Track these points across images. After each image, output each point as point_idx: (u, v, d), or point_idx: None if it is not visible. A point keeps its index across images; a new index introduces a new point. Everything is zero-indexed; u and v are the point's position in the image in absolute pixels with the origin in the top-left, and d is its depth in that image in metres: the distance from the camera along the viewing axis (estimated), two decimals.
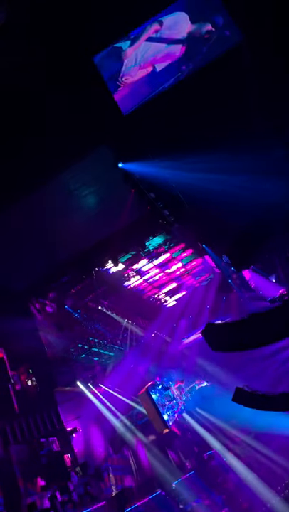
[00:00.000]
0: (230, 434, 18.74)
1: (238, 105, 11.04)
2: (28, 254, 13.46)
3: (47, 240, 13.47)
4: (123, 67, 9.84)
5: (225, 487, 17.01)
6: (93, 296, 18.98)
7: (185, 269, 21.38)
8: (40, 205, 11.91)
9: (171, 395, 18.35)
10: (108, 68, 10.07)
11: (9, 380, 13.48)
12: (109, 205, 13.83)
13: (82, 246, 15.04)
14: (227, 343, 10.45)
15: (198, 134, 11.29)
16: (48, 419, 14.49)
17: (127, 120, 10.25)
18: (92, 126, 10.10)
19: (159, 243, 17.38)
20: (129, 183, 12.42)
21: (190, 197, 13.81)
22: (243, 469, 16.81)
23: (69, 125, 9.77)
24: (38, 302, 16.53)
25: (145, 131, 10.99)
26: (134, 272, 18.83)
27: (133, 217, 14.63)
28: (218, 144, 11.03)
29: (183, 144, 11.30)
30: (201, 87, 10.26)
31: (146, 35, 9.53)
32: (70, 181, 11.90)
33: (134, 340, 22.31)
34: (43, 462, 13.47)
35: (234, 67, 10.18)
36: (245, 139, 11.08)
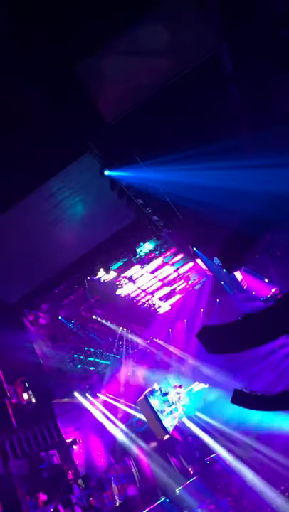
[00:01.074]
0: (231, 436, 18.69)
1: (221, 109, 11.12)
2: (19, 266, 13.35)
3: (37, 251, 13.39)
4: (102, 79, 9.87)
5: (229, 490, 16.93)
6: (87, 306, 18.89)
7: (177, 274, 21.38)
8: (28, 216, 11.84)
9: (169, 401, 18.27)
10: (90, 78, 10.09)
11: (5, 394, 13.33)
12: (98, 213, 13.80)
13: (73, 255, 14.98)
14: (223, 345, 10.46)
15: (183, 139, 11.34)
16: (47, 432, 14.34)
17: (111, 127, 10.26)
18: (77, 134, 10.08)
19: (150, 249, 17.38)
20: (116, 190, 12.40)
21: (178, 201, 13.86)
22: (246, 471, 16.74)
23: (53, 134, 9.74)
24: (30, 314, 16.41)
25: (130, 138, 11.01)
26: (126, 279, 18.78)
27: (122, 224, 14.62)
28: (203, 147, 11.09)
29: (168, 148, 11.33)
30: (183, 92, 10.30)
31: (119, 48, 9.60)
32: (57, 191, 11.86)
33: (130, 348, 22.23)
34: (44, 476, 13.31)
35: (215, 72, 10.25)
36: (229, 140, 11.15)
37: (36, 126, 9.58)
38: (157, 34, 9.62)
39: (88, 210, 13.28)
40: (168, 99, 10.36)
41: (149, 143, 11.41)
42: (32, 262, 13.70)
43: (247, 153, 11.62)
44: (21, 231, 12.40)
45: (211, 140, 10.98)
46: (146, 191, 12.97)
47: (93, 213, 13.56)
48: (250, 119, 11.64)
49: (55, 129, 9.78)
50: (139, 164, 11.68)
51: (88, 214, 13.43)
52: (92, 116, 10.17)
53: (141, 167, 11.71)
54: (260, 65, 10.37)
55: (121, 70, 9.87)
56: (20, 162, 9.75)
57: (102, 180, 11.87)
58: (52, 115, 9.62)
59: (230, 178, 11.88)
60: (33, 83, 9.12)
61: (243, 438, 18.14)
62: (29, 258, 13.34)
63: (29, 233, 12.65)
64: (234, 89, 10.74)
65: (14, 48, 8.55)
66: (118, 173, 11.56)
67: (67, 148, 10.31)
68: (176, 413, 18.14)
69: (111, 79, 9.99)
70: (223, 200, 12.44)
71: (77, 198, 12.42)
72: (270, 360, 19.38)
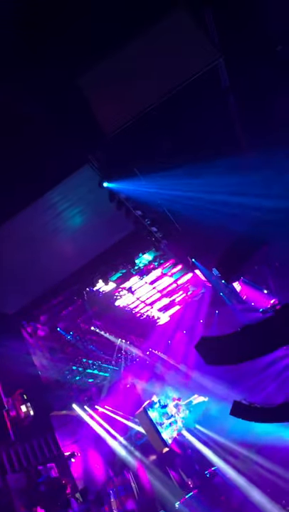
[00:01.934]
0: (231, 449, 18.51)
1: (219, 122, 11.25)
2: (17, 278, 13.36)
3: (36, 263, 13.41)
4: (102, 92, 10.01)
5: (229, 504, 16.72)
6: (85, 317, 18.85)
7: (176, 285, 21.38)
8: (27, 227, 11.89)
9: (169, 413, 18.14)
10: (90, 90, 10.21)
11: (4, 406, 13.23)
12: (97, 224, 13.87)
13: (72, 267, 15.01)
14: (222, 357, 10.44)
15: (182, 151, 11.45)
16: (45, 445, 14.23)
17: (110, 140, 10.35)
18: (76, 147, 10.17)
19: (149, 260, 17.42)
20: (115, 201, 12.48)
21: (177, 213, 13.93)
22: (247, 485, 16.56)
23: (52, 146, 9.83)
24: (29, 326, 16.37)
25: (129, 150, 11.10)
26: (125, 290, 18.78)
27: (121, 235, 14.68)
28: (201, 160, 11.20)
29: (167, 161, 11.43)
30: (182, 105, 10.43)
31: (119, 62, 9.76)
32: (56, 203, 11.93)
33: (128, 359, 22.13)
34: (42, 490, 13.16)
35: (213, 86, 10.39)
36: (226, 153, 11.26)
37: (36, 138, 9.68)
38: (156, 49, 9.80)
39: (87, 221, 13.35)
40: (167, 112, 10.48)
41: (147, 155, 11.51)
42: (30, 273, 13.72)
43: (245, 166, 11.71)
44: (20, 242, 12.44)
45: (209, 153, 11.09)
46: (144, 203, 13.04)
47: (92, 225, 13.63)
48: (249, 133, 11.77)
49: (55, 141, 9.88)
50: (137, 176, 11.78)
51: (87, 225, 13.49)
52: (91, 129, 10.27)
53: (139, 179, 11.80)
54: (258, 80, 10.53)
55: (120, 83, 10.02)
56: (20, 174, 9.82)
57: (101, 192, 11.94)
58: (52, 127, 9.73)
59: (229, 191, 11.97)
60: (34, 95, 9.25)
61: (243, 451, 17.97)
62: (27, 269, 13.36)
63: (28, 244, 12.69)
64: (232, 103, 10.87)
65: (17, 60, 8.68)
66: (117, 184, 11.64)
67: (66, 160, 10.40)
68: (176, 425, 18.00)
69: (110, 92, 10.13)
70: (222, 212, 12.52)
71: (76, 209, 12.50)
72: (270, 371, 19.28)
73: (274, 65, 10.09)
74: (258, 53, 10.03)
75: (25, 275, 13.55)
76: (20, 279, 13.55)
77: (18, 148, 9.64)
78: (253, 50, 9.93)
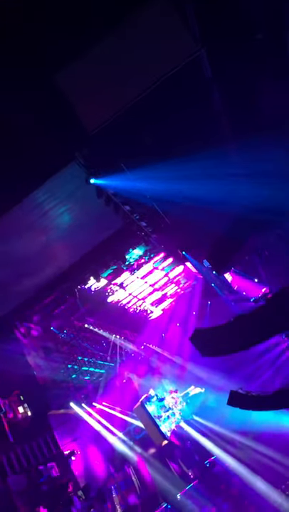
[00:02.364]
0: (229, 438, 18.68)
1: (204, 113, 11.20)
2: (6, 279, 13.25)
3: (25, 263, 13.30)
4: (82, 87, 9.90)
5: (230, 492, 16.90)
6: (78, 315, 18.80)
7: (168, 278, 21.41)
8: (13, 228, 11.77)
9: (166, 406, 18.23)
10: (70, 86, 10.11)
11: (0, 409, 13.19)
12: (86, 221, 13.77)
13: (63, 265, 14.91)
14: (216, 348, 10.47)
15: (167, 145, 11.41)
16: (44, 445, 14.21)
17: (94, 136, 10.27)
18: (60, 144, 10.07)
19: (140, 255, 17.39)
20: (102, 197, 12.41)
21: (165, 206, 13.91)
22: (246, 472, 16.74)
23: (35, 145, 9.72)
24: (22, 326, 16.27)
25: (114, 145, 11.02)
26: (117, 286, 18.75)
27: (110, 231, 14.61)
28: (188, 151, 11.16)
29: (153, 155, 11.38)
30: (164, 98, 10.36)
31: (96, 57, 9.66)
32: (43, 202, 11.81)
33: (123, 355, 22.15)
34: (44, 490, 13.17)
35: (196, 78, 10.33)
36: (212, 145, 11.24)
37: (17, 138, 9.55)
38: (135, 41, 9.70)
39: (75, 219, 13.23)
40: (150, 106, 10.41)
41: (133, 150, 11.44)
42: (20, 273, 13.60)
43: (231, 157, 11.72)
44: (7, 243, 12.32)
45: (194, 146, 11.06)
46: (132, 198, 12.99)
47: (81, 222, 13.53)
48: (234, 125, 11.74)
49: (38, 139, 9.75)
50: (124, 171, 11.71)
51: (76, 223, 13.39)
52: (74, 125, 10.15)
53: (126, 174, 11.73)
54: (240, 70, 10.49)
55: (100, 78, 9.90)
56: (3, 175, 9.69)
57: (89, 189, 11.86)
58: (33, 126, 9.59)
59: (216, 182, 11.97)
60: (12, 94, 9.12)
61: (241, 439, 18.16)
62: (16, 270, 13.24)
63: (15, 245, 12.57)
64: (215, 95, 10.83)
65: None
66: (104, 181, 11.56)
67: (51, 158, 10.28)
68: (174, 418, 18.10)
69: (91, 87, 10.02)
70: (210, 204, 12.52)
71: (64, 207, 12.38)
72: (265, 359, 19.47)
73: (256, 54, 10.05)
74: (239, 43, 9.98)
75: (15, 276, 13.44)
76: (10, 280, 13.44)
77: (0, 147, 9.52)
78: (235, 39, 9.87)
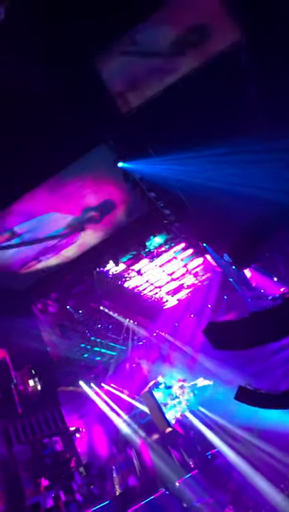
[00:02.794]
0: (233, 432, 18.72)
1: (238, 102, 11.02)
2: (31, 255, 13.49)
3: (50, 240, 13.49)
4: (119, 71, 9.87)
5: (228, 486, 16.99)
6: (95, 297, 18.99)
7: (186, 269, 21.37)
8: (41, 205, 11.92)
9: (173, 394, 18.35)
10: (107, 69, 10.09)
11: (12, 380, 13.52)
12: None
13: (84, 246, 15.02)
14: (229, 342, 10.43)
15: (199, 132, 11.28)
16: (51, 419, 14.52)
17: (126, 119, 10.26)
18: (92, 125, 10.09)
19: (160, 243, 17.37)
20: (129, 182, 12.41)
21: (191, 196, 13.82)
22: (247, 468, 16.78)
23: (68, 124, 9.77)
24: (39, 302, 16.55)
25: (145, 130, 10.99)
26: (134, 272, 18.83)
27: (133, 216, 14.63)
28: (219, 141, 11.04)
29: (183, 143, 11.29)
30: (200, 86, 10.25)
31: (136, 42, 9.60)
32: (70, 182, 11.89)
33: (136, 340, 22.33)
34: (47, 462, 13.50)
35: (233, 66, 10.17)
36: (245, 136, 11.08)
37: (51, 116, 9.61)
38: (175, 26, 9.59)
39: (99, 201, 13.30)
40: (184, 93, 10.32)
41: (163, 136, 11.37)
42: (44, 251, 13.80)
43: (262, 151, 11.53)
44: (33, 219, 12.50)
45: (226, 136, 10.92)
46: (158, 184, 12.95)
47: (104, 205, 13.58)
48: (268, 117, 11.54)
49: (71, 119, 9.80)
50: (152, 157, 11.67)
51: (99, 206, 13.45)
52: (108, 107, 10.18)
53: (154, 160, 11.69)
54: (280, 61, 10.28)
55: (137, 62, 9.87)
56: (36, 152, 9.79)
57: (116, 173, 11.88)
58: (68, 105, 9.65)
59: (244, 176, 11.82)
60: (51, 72, 9.17)
61: (245, 435, 18.17)
62: (42, 246, 13.45)
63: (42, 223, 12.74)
64: (251, 85, 10.64)
65: (35, 34, 8.58)
66: (132, 165, 11.56)
67: (82, 138, 10.33)
68: (180, 407, 18.23)
69: (127, 71, 9.99)
70: (236, 198, 12.39)
71: (89, 189, 12.45)
72: (277, 358, 19.33)
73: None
74: (280, 33, 9.76)
75: (40, 252, 13.65)
76: (35, 256, 13.67)
77: (33, 125, 9.60)
78: (275, 30, 9.66)
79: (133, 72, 10.02)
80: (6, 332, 14.21)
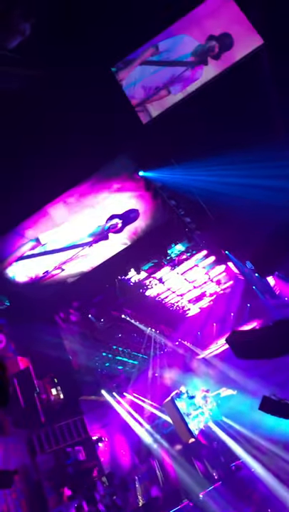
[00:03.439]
0: (257, 443, 18.37)
1: (261, 110, 10.96)
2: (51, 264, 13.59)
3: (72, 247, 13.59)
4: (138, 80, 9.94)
5: (253, 498, 16.64)
6: (116, 305, 19.01)
7: (208, 277, 21.23)
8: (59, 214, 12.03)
9: (196, 404, 18.13)
10: (128, 77, 10.18)
11: (35, 389, 13.59)
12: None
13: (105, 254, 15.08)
14: (252, 351, 10.27)
15: (221, 140, 11.24)
16: (73, 429, 14.53)
17: (147, 128, 10.29)
18: (113, 134, 10.17)
19: (181, 250, 17.32)
20: (150, 191, 12.43)
21: (212, 203, 13.74)
22: (272, 480, 16.41)
23: (89, 134, 9.87)
24: (62, 311, 16.65)
25: (166, 139, 11.01)
26: (156, 280, 18.79)
27: (154, 225, 14.62)
28: (239, 149, 10.97)
29: (204, 151, 11.26)
30: (221, 94, 10.24)
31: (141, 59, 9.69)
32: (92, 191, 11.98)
33: (157, 349, 22.23)
34: (70, 472, 13.48)
35: (255, 74, 10.13)
36: (269, 144, 10.97)
37: (72, 124, 9.74)
38: (197, 35, 9.62)
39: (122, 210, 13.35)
40: (205, 101, 10.31)
41: (184, 145, 11.38)
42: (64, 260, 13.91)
43: (284, 159, 11.40)
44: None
45: (247, 145, 10.84)
46: (179, 192, 12.94)
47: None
48: None
49: (92, 128, 9.91)
50: (173, 165, 11.68)
51: None
52: (128, 116, 10.25)
53: (175, 168, 11.70)
54: None
55: (158, 71, 9.93)
56: (58, 162, 9.92)
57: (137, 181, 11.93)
58: (89, 115, 9.76)
59: (265, 182, 11.70)
60: (72, 82, 9.33)
61: (270, 446, 17.80)
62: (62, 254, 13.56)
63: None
64: (273, 94, 10.56)
65: (58, 46, 8.77)
66: (152, 173, 11.59)
67: (103, 148, 10.42)
68: (203, 417, 17.99)
69: (148, 80, 10.06)
70: (257, 204, 12.25)
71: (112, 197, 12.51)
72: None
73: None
74: None
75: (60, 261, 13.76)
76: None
77: (54, 135, 9.75)
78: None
79: (154, 81, 10.07)
80: (29, 341, 14.34)
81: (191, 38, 9.52)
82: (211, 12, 9.34)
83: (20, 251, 12.41)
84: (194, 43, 9.58)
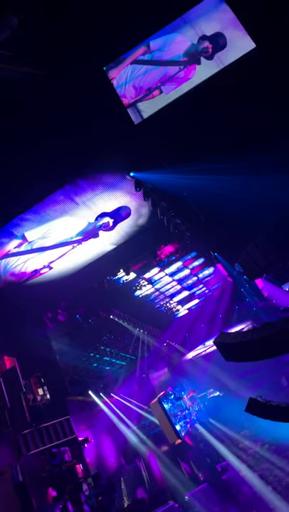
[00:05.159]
0: (243, 445, 18.44)
1: (251, 113, 11.03)
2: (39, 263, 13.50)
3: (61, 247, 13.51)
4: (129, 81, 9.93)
5: (238, 499, 16.69)
6: (104, 305, 18.96)
7: (197, 278, 21.28)
8: (56, 210, 11.96)
9: (183, 405, 18.17)
10: (119, 78, 10.16)
11: (21, 389, 13.48)
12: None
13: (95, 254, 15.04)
14: (240, 353, 10.32)
15: (211, 142, 11.29)
16: (60, 429, 14.41)
17: (138, 129, 10.29)
18: (103, 135, 10.15)
19: (171, 252, 17.34)
20: (140, 191, 12.41)
21: (202, 206, 13.79)
22: (257, 481, 16.48)
23: (80, 133, 9.84)
24: (50, 311, 16.55)
25: (157, 140, 11.02)
26: (145, 280, 18.78)
27: (144, 225, 14.63)
28: (231, 151, 11.02)
29: (195, 151, 11.30)
30: (214, 94, 10.27)
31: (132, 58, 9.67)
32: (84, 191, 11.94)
33: (145, 350, 22.21)
34: (55, 472, 13.37)
35: (247, 75, 10.18)
36: (257, 146, 11.04)
37: (65, 125, 9.70)
38: (190, 35, 9.64)
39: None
40: (196, 104, 10.34)
41: (175, 146, 11.40)
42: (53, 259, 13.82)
43: (274, 161, 11.49)
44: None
45: (239, 146, 10.90)
46: (169, 194, 12.96)
47: None
48: (281, 128, 11.51)
49: (82, 127, 9.88)
50: (164, 167, 11.69)
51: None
52: (119, 118, 10.24)
53: (166, 170, 11.71)
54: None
55: (150, 71, 9.93)
56: (49, 161, 9.86)
57: (127, 182, 11.91)
58: (80, 114, 9.73)
59: (257, 186, 11.77)
60: (63, 81, 9.28)
61: (256, 448, 17.89)
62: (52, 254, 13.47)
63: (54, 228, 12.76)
64: (266, 95, 10.63)
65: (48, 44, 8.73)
66: (144, 174, 11.59)
67: (94, 147, 10.38)
68: (189, 418, 18.03)
69: (140, 79, 10.05)
70: (248, 209, 12.33)
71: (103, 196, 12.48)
72: (287, 370, 19.07)
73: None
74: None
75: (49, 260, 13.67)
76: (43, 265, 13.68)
77: (44, 134, 9.70)
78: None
79: (145, 80, 10.07)
80: (16, 340, 14.22)
81: (183, 37, 9.51)
82: (205, 13, 9.36)
83: (5, 248, 12.28)
84: (187, 43, 9.58)
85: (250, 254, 14.62)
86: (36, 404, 14.27)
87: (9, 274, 13.22)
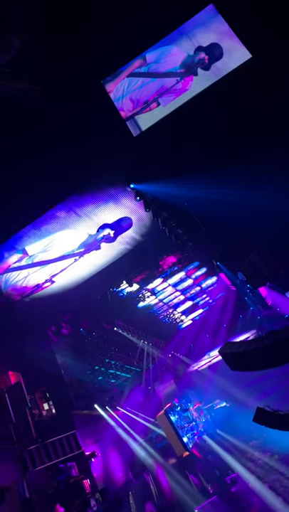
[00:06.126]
0: (252, 456, 18.21)
1: (249, 123, 11.11)
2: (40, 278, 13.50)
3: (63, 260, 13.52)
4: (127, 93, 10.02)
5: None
6: (108, 318, 18.91)
7: (200, 288, 21.23)
8: (57, 223, 12.00)
9: (190, 417, 17.99)
10: (117, 91, 10.26)
11: (27, 404, 13.39)
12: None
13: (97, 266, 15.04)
14: (245, 362, 10.26)
15: (211, 152, 11.36)
16: (66, 444, 14.29)
17: (137, 141, 10.36)
18: (103, 147, 10.23)
19: (173, 262, 17.34)
20: (141, 203, 12.47)
21: (203, 216, 13.83)
22: (268, 493, 16.24)
23: (79, 146, 9.92)
24: (53, 325, 16.52)
25: (156, 151, 11.09)
26: (148, 291, 18.76)
27: (146, 236, 14.65)
28: (230, 161, 11.08)
29: (195, 162, 11.37)
30: (211, 105, 10.35)
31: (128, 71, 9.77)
32: (85, 204, 11.99)
33: (150, 361, 22.09)
34: (62, 488, 13.22)
35: (244, 85, 10.28)
36: (257, 156, 11.10)
37: (65, 138, 9.78)
38: (186, 46, 9.75)
39: None
40: (194, 114, 10.42)
41: (174, 157, 11.47)
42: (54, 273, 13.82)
43: (273, 171, 11.52)
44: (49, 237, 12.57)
45: (238, 156, 10.96)
46: (170, 204, 13.01)
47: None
48: (281, 137, 11.58)
49: (82, 140, 9.96)
50: (164, 178, 11.76)
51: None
52: (119, 130, 10.32)
53: (166, 181, 11.77)
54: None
55: (147, 83, 10.03)
56: (51, 174, 9.93)
57: (128, 194, 11.97)
58: (80, 128, 9.82)
59: (258, 197, 11.81)
60: (61, 95, 9.38)
61: (265, 458, 17.66)
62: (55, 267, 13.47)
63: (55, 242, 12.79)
64: (263, 104, 10.71)
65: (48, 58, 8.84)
66: (144, 186, 11.65)
67: (94, 160, 10.46)
68: (196, 430, 17.85)
69: (137, 92, 10.15)
70: (249, 217, 12.35)
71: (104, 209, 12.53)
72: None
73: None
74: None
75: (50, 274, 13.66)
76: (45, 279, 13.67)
77: (44, 147, 9.78)
78: (284, 49, 9.76)
79: (142, 93, 10.16)
80: (20, 355, 14.16)
81: (180, 48, 9.62)
82: (201, 24, 9.48)
83: (6, 263, 12.29)
84: (183, 54, 9.68)
85: (252, 262, 14.61)
86: (42, 420, 14.16)
87: (11, 288, 13.22)
